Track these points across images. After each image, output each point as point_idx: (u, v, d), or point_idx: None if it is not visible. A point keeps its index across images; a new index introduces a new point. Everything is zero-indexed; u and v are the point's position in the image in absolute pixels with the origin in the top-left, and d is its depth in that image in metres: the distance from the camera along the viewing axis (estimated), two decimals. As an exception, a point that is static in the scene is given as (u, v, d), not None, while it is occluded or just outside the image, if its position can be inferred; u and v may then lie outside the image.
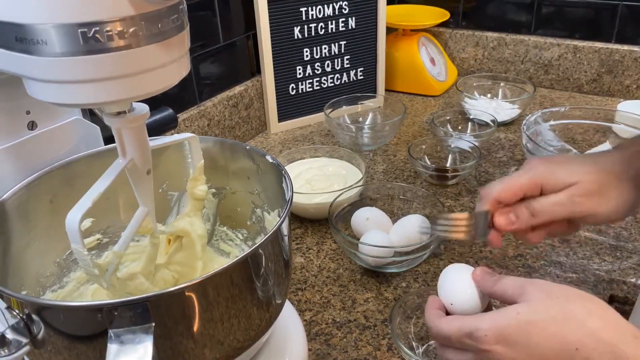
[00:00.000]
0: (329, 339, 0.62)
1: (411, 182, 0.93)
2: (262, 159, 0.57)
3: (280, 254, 0.49)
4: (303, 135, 1.12)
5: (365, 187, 0.81)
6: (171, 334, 0.42)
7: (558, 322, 0.41)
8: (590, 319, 0.40)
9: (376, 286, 0.70)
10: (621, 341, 0.39)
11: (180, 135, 0.58)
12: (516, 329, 0.42)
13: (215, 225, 0.66)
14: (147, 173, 0.50)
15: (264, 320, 0.50)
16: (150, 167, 0.50)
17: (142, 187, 0.51)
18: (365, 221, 0.74)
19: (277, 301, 0.51)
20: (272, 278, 0.49)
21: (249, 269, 0.45)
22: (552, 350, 0.40)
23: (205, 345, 0.44)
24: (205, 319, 0.43)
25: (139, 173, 0.49)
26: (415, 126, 1.14)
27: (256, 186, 0.60)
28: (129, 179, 0.50)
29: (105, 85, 0.39)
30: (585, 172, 0.51)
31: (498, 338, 0.42)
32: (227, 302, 0.44)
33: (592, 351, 0.39)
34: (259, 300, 0.48)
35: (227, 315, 0.45)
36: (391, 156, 1.02)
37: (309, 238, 0.79)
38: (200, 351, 0.44)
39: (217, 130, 1.01)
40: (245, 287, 0.45)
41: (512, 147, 1.04)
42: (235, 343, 0.47)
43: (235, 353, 0.48)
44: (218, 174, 0.62)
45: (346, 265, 0.74)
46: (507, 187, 0.52)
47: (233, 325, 0.46)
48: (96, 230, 0.61)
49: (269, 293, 0.49)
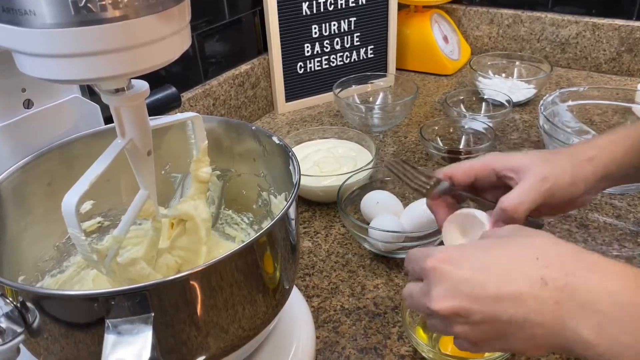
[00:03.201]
0: (337, 327, 0.60)
1: (423, 163, 0.90)
2: (268, 140, 0.54)
3: (287, 240, 0.47)
4: (311, 116, 1.09)
5: (375, 170, 0.79)
6: (173, 323, 0.40)
7: (516, 241, 0.40)
8: (553, 245, 0.39)
9: (386, 272, 0.67)
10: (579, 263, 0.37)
11: (183, 114, 0.55)
12: (470, 250, 0.41)
13: (220, 208, 0.63)
14: (147, 154, 0.48)
15: (271, 308, 0.48)
16: (151, 148, 0.48)
17: (143, 169, 0.49)
18: (375, 205, 0.71)
19: (285, 287, 0.49)
20: (279, 265, 0.46)
21: (254, 256, 0.43)
22: (510, 259, 0.38)
23: (208, 333, 0.42)
24: (209, 307, 0.41)
25: (139, 154, 0.47)
26: (427, 106, 1.11)
27: (262, 168, 0.57)
28: (129, 160, 0.47)
29: (99, 60, 0.36)
30: (536, 160, 0.50)
31: (445, 258, 0.40)
32: (232, 290, 0.42)
33: (554, 258, 0.37)
34: (265, 288, 0.45)
35: (232, 303, 0.43)
36: (402, 137, 0.99)
37: (317, 222, 0.77)
38: (204, 340, 0.42)
39: (222, 110, 0.98)
40: (250, 274, 0.43)
41: (527, 128, 1.01)
42: (240, 332, 0.45)
43: (241, 342, 0.46)
44: (223, 156, 0.60)
45: (355, 250, 0.71)
46: (459, 165, 0.54)
47: (238, 312, 0.44)
48: (97, 213, 0.59)
49: (275, 280, 0.46)
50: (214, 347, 0.43)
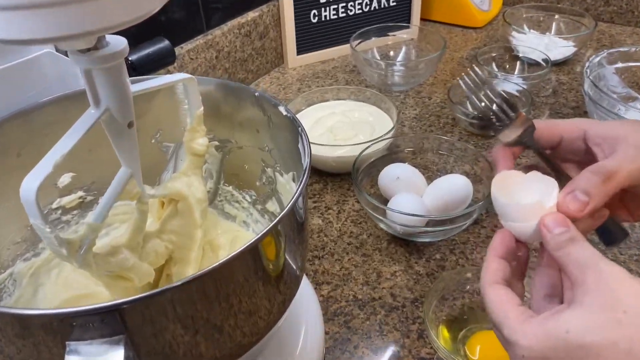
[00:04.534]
0: (349, 321, 0.53)
1: (448, 130, 0.81)
2: (274, 110, 0.46)
3: (293, 238, 0.39)
4: (325, 71, 0.99)
5: (395, 139, 0.70)
6: (153, 344, 0.33)
7: (619, 354, 0.29)
8: None
9: (405, 257, 0.60)
10: None
11: (174, 76, 0.46)
12: (562, 355, 0.31)
13: (219, 184, 0.55)
14: (128, 126, 0.40)
15: (272, 315, 0.41)
16: (132, 119, 0.40)
17: (123, 143, 0.41)
18: (395, 181, 0.63)
19: (288, 292, 0.42)
20: (283, 269, 0.39)
21: (254, 262, 0.35)
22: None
23: (198, 352, 0.35)
24: (197, 325, 0.34)
25: (118, 126, 0.39)
26: (453, 62, 1.00)
27: (267, 141, 0.49)
28: (107, 134, 0.39)
29: (56, 13, 0.28)
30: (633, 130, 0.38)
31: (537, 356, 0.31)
32: (227, 302, 0.35)
33: None
34: (266, 295, 0.38)
35: (224, 316, 0.35)
36: (426, 99, 0.90)
37: (329, 196, 0.69)
38: (195, 351, 0.36)
39: (226, 64, 0.88)
40: (247, 282, 0.36)
41: (564, 91, 0.90)
42: (235, 345, 0.38)
43: (239, 352, 0.40)
44: (222, 124, 0.52)
45: (371, 230, 0.64)
46: (543, 120, 0.42)
47: (231, 325, 0.37)
48: (78, 186, 0.52)
49: (276, 289, 0.39)
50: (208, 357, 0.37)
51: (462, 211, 0.57)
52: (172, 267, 0.49)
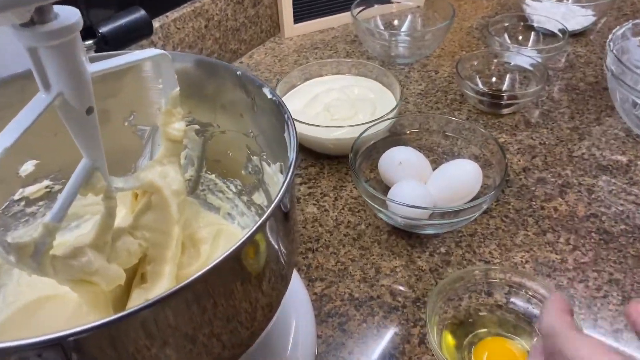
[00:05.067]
0: (344, 323, 0.49)
1: (456, 107, 0.75)
2: (258, 92, 0.40)
3: (277, 246, 0.34)
4: (324, 42, 0.92)
5: (398, 119, 0.64)
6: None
7: None
8: None
9: (407, 250, 0.55)
10: None
11: (144, 52, 0.40)
12: None
13: (201, 171, 0.50)
14: (86, 113, 0.35)
15: (257, 323, 0.36)
16: (91, 105, 0.34)
17: (82, 132, 0.35)
18: (397, 166, 0.57)
19: (273, 304, 0.37)
20: (264, 283, 0.34)
21: (231, 277, 0.30)
22: None
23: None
24: (163, 348, 0.29)
25: (74, 113, 0.34)
26: (462, 33, 0.93)
27: (252, 127, 0.43)
28: (62, 120, 0.34)
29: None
30: None
31: None
32: (199, 324, 0.30)
33: None
34: (245, 313, 0.33)
35: (198, 335, 0.31)
36: (432, 72, 0.83)
37: (325, 180, 0.64)
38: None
39: (217, 34, 0.82)
40: (221, 298, 0.31)
41: (582, 65, 0.83)
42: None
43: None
44: (202, 106, 0.46)
45: (370, 219, 0.58)
46: None
47: (207, 344, 0.32)
48: (43, 175, 0.47)
49: (259, 303, 0.34)
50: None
51: (470, 203, 0.52)
52: (147, 265, 0.44)
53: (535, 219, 0.58)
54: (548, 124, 0.72)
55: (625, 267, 0.52)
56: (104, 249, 0.40)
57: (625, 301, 0.49)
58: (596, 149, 0.67)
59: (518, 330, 0.46)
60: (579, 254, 0.54)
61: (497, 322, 0.47)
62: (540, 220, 0.58)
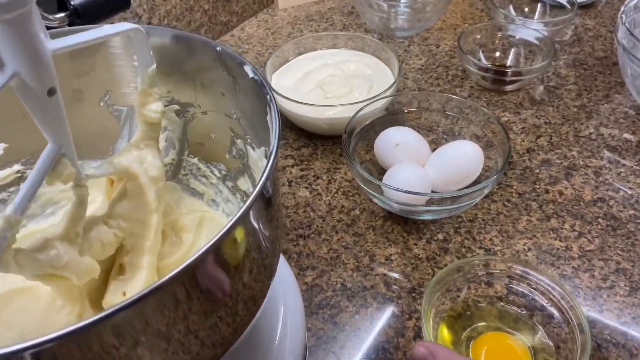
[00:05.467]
0: (335, 315, 0.46)
1: (457, 84, 0.71)
2: (239, 70, 0.36)
3: (259, 237, 0.31)
4: (319, 13, 0.88)
5: (396, 97, 0.60)
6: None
7: None
8: None
9: (403, 237, 0.52)
10: None
11: (115, 26, 0.37)
12: None
13: (183, 155, 0.47)
14: (48, 94, 0.31)
15: (234, 327, 0.33)
16: (53, 85, 0.31)
17: (44, 115, 0.32)
18: (394, 148, 0.54)
19: (256, 300, 0.34)
20: (244, 276, 0.31)
21: (210, 271, 0.27)
22: None
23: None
24: (136, 350, 0.27)
25: (34, 95, 0.31)
26: (464, 4, 0.89)
27: (234, 108, 0.40)
28: (22, 103, 0.31)
29: None
30: None
31: None
32: (168, 319, 0.27)
33: None
34: (227, 309, 0.31)
35: (170, 335, 0.28)
36: (433, 46, 0.79)
37: (318, 162, 0.60)
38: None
39: (206, 5, 0.77)
40: (194, 294, 0.28)
41: (591, 39, 0.79)
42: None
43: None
44: (182, 84, 0.43)
45: (365, 204, 0.55)
46: None
47: (186, 345, 0.29)
48: (14, 159, 0.44)
49: (237, 297, 0.31)
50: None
51: (470, 188, 0.48)
52: (124, 256, 0.41)
53: (539, 204, 0.55)
54: (554, 102, 0.68)
55: (633, 256, 0.49)
56: (75, 240, 0.37)
57: (633, 292, 0.47)
58: (604, 129, 0.64)
59: (519, 325, 0.44)
60: (584, 241, 0.51)
61: (497, 315, 0.45)
62: (544, 204, 0.55)
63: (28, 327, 0.41)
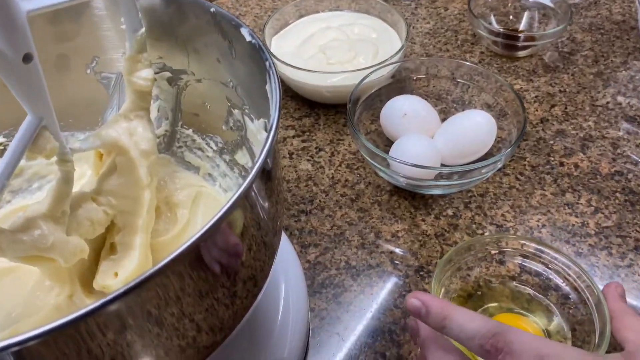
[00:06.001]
0: (339, 294, 0.44)
1: (467, 49, 0.68)
2: (235, 33, 0.33)
3: (259, 215, 0.29)
4: (322, -26, 0.83)
5: (403, 63, 0.57)
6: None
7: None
8: None
9: (410, 213, 0.50)
10: None
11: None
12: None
13: (176, 126, 0.44)
14: (23, 61, 0.29)
15: (233, 310, 0.31)
16: (29, 51, 0.29)
17: (21, 84, 0.30)
18: (402, 118, 0.51)
19: (259, 282, 0.32)
20: (243, 255, 0.29)
21: (195, 264, 0.25)
22: None
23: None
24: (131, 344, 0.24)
25: (8, 62, 0.28)
26: (475, -35, 0.84)
27: (230, 75, 0.37)
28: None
29: None
30: None
31: None
32: (159, 300, 0.25)
33: None
34: (226, 294, 0.28)
35: (162, 319, 0.26)
36: (441, 9, 0.75)
37: (321, 133, 0.57)
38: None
39: (201, -35, 0.73)
40: (186, 273, 0.26)
41: (608, 1, 0.75)
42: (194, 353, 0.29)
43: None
44: (174, 50, 0.39)
45: (370, 177, 0.53)
46: None
47: (184, 333, 0.27)
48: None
49: (235, 277, 0.29)
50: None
51: (482, 162, 0.46)
52: (116, 235, 0.39)
53: (554, 177, 0.52)
54: (569, 69, 0.64)
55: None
56: (62, 219, 0.35)
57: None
58: (622, 97, 0.60)
59: (532, 306, 0.41)
60: (601, 217, 0.49)
61: (509, 295, 0.42)
62: (559, 178, 0.52)
63: (16, 308, 0.39)
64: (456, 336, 0.31)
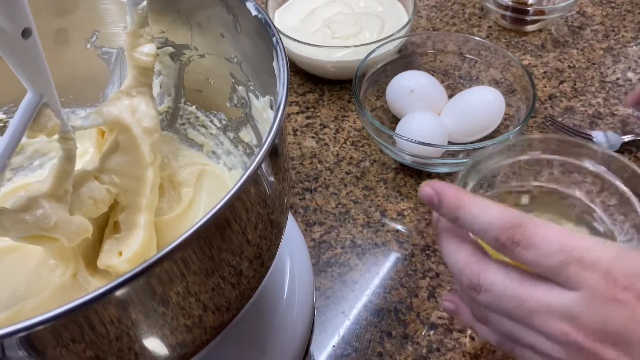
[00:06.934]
0: (345, 273, 0.44)
1: (475, 23, 0.66)
2: (240, 6, 0.32)
3: (266, 192, 0.28)
4: (325, -56, 0.81)
5: (409, 37, 0.56)
6: None
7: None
8: None
9: (416, 191, 0.49)
10: None
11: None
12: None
13: (179, 102, 0.43)
14: (22, 36, 0.28)
15: (240, 289, 0.31)
16: (28, 25, 0.28)
17: (20, 60, 0.29)
18: (408, 95, 0.50)
19: (265, 262, 0.31)
20: (249, 232, 0.28)
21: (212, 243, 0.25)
22: None
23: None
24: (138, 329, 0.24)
25: (6, 37, 0.27)
26: None
27: (234, 50, 0.36)
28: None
29: None
30: None
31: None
32: (163, 278, 0.25)
33: None
34: (234, 274, 0.28)
35: (167, 298, 0.26)
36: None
37: (325, 109, 0.57)
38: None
39: None
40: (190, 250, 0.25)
41: (620, -28, 0.73)
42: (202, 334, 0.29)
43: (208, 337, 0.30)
44: (176, 24, 0.38)
45: (375, 155, 0.52)
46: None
47: (189, 317, 0.27)
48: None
49: (241, 255, 0.29)
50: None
51: (491, 140, 0.45)
52: (119, 213, 0.38)
53: (561, 155, 0.51)
54: (578, 44, 0.63)
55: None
56: (64, 198, 0.34)
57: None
58: (632, 73, 0.59)
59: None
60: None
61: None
62: (567, 156, 0.51)
63: (20, 287, 0.38)
64: (470, 228, 0.27)
